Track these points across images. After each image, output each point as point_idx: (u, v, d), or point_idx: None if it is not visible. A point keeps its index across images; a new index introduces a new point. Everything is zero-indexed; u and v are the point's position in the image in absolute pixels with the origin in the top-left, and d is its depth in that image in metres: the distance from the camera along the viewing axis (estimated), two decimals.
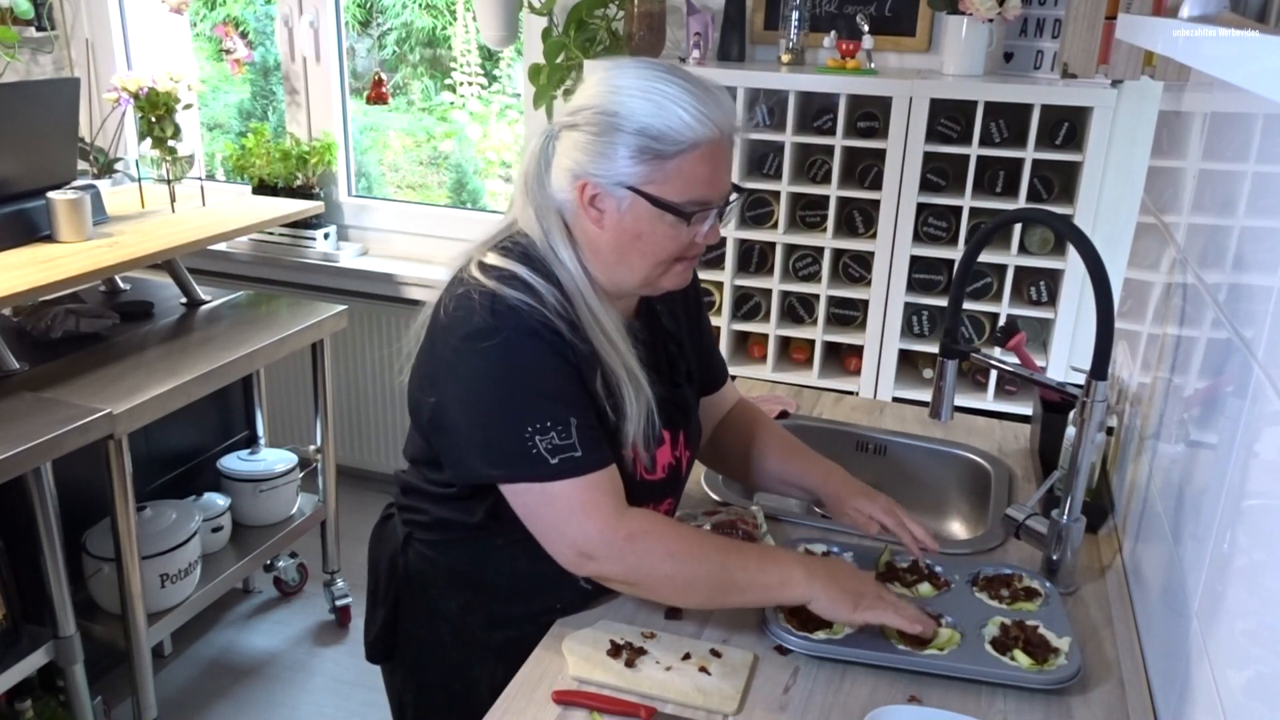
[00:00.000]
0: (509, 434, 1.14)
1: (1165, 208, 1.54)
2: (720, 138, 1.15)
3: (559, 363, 1.16)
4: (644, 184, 1.15)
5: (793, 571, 1.19)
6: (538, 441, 1.14)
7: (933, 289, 2.43)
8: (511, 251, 1.21)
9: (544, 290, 1.18)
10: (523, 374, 1.15)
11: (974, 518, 1.70)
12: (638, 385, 1.21)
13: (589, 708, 1.12)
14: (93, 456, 1.97)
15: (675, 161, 1.14)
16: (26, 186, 2.28)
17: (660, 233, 1.17)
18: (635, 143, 1.13)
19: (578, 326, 1.19)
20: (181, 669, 2.63)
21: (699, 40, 2.50)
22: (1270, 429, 0.84)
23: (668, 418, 1.30)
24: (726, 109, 1.16)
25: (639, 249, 1.19)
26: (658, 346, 1.33)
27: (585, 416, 1.17)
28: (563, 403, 1.15)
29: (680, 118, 1.12)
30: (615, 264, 1.21)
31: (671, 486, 1.34)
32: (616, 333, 1.21)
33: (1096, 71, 2.14)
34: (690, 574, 1.18)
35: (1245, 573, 0.86)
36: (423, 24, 3.54)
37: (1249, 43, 0.75)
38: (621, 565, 1.17)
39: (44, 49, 3.43)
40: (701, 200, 1.17)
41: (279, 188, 3.25)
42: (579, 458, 1.15)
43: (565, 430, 1.14)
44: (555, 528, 1.18)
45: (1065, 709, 1.13)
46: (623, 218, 1.17)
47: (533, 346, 1.15)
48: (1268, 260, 0.91)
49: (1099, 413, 1.30)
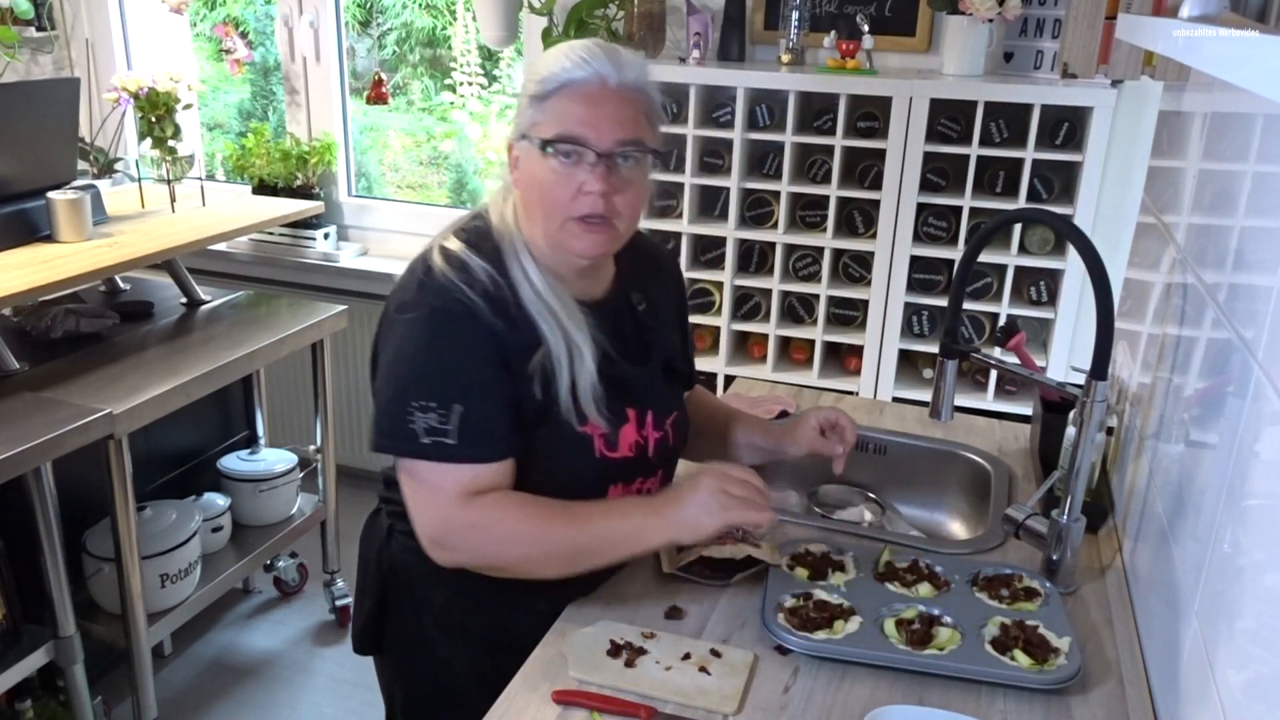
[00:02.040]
0: (398, 404, 1.18)
1: (1165, 208, 1.54)
2: (600, 82, 1.18)
3: (469, 346, 1.18)
4: (532, 127, 1.20)
5: (646, 519, 1.21)
6: (416, 418, 1.16)
7: (933, 289, 2.43)
8: (468, 232, 1.27)
9: (477, 268, 1.21)
10: (427, 350, 1.19)
11: (974, 518, 1.70)
12: (578, 355, 1.22)
13: (589, 708, 1.11)
14: (93, 456, 1.97)
15: (551, 100, 1.19)
16: (26, 186, 2.28)
17: (543, 176, 1.20)
18: (529, 90, 1.21)
19: (510, 303, 1.20)
20: (181, 669, 2.63)
21: (699, 40, 2.50)
22: (1270, 429, 0.84)
23: (633, 396, 1.31)
24: (617, 62, 1.19)
25: (536, 199, 1.22)
26: (626, 327, 1.34)
27: (479, 406, 1.18)
28: (457, 387, 1.17)
29: (560, 61, 1.18)
30: (528, 222, 1.24)
31: (641, 467, 1.33)
32: (557, 302, 1.23)
33: (1096, 71, 2.14)
34: (541, 552, 1.20)
35: (1245, 573, 0.86)
36: (423, 24, 3.54)
37: (1249, 43, 0.75)
38: (469, 554, 1.21)
39: (44, 49, 3.43)
40: (570, 135, 1.18)
41: (279, 188, 3.25)
42: (451, 445, 1.16)
43: (445, 415, 1.16)
44: (415, 510, 1.22)
45: (1065, 709, 1.13)
46: (523, 168, 1.22)
47: (444, 326, 1.18)
48: (1268, 260, 0.91)
49: (1099, 413, 1.30)
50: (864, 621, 1.23)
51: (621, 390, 1.29)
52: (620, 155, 1.20)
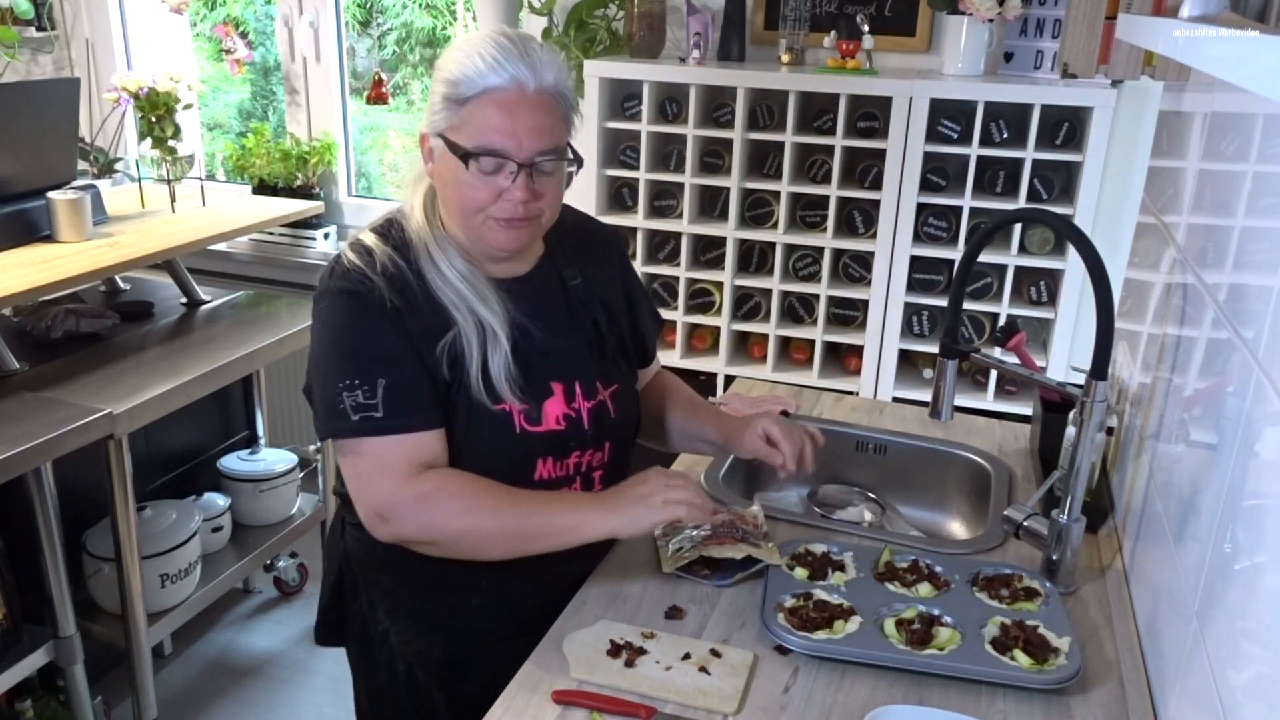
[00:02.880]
0: (327, 390, 1.21)
1: (1165, 208, 1.54)
2: (518, 89, 1.18)
3: (375, 322, 1.21)
4: (446, 129, 1.20)
5: (588, 511, 1.22)
6: (345, 398, 1.19)
7: (933, 289, 2.43)
8: (383, 224, 1.30)
9: (380, 253, 1.24)
10: (338, 332, 1.22)
11: (974, 518, 1.70)
12: (491, 336, 1.24)
13: (589, 708, 1.11)
14: (93, 456, 1.97)
15: (469, 106, 1.18)
16: (26, 186, 2.28)
17: (461, 180, 1.20)
18: (442, 90, 1.20)
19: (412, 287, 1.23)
20: (181, 669, 2.63)
21: (699, 40, 2.50)
22: (1270, 429, 0.84)
23: (558, 369, 1.31)
24: (534, 65, 1.18)
25: (452, 197, 1.23)
26: (553, 300, 1.34)
27: (399, 377, 1.20)
28: (374, 361, 1.20)
29: (475, 64, 1.17)
30: (446, 215, 1.27)
31: (576, 439, 1.32)
32: (467, 287, 1.24)
33: (1096, 71, 2.14)
34: (486, 527, 1.21)
35: (1245, 573, 0.86)
36: (423, 24, 3.54)
37: (1249, 43, 0.75)
38: (414, 525, 1.21)
39: (44, 49, 3.43)
40: (490, 148, 1.18)
41: (279, 188, 3.25)
42: (379, 418, 1.19)
43: (370, 390, 1.19)
44: (356, 487, 1.24)
45: (1065, 709, 1.13)
46: (439, 165, 1.23)
47: (351, 305, 1.22)
48: (1268, 260, 0.91)
49: (1099, 413, 1.30)
50: (864, 621, 1.23)
51: (544, 364, 1.29)
52: (540, 164, 1.21)
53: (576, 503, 1.26)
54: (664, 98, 2.51)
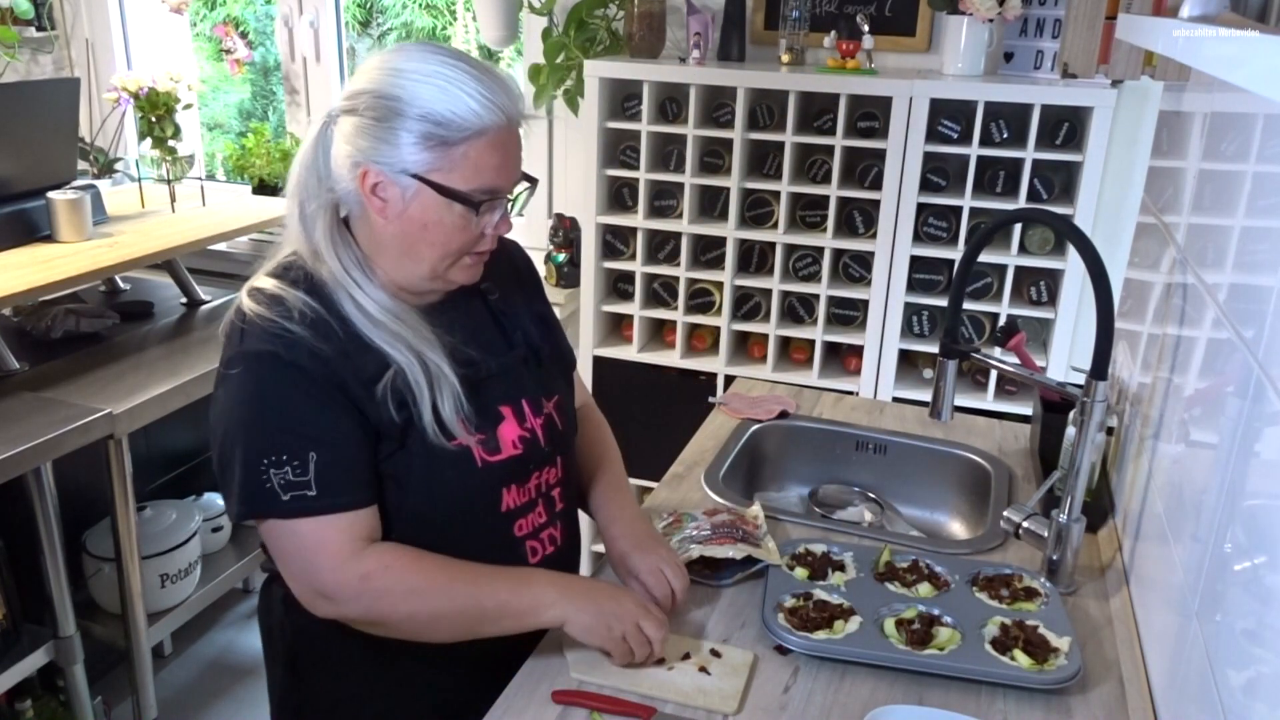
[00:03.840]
0: (246, 468, 1.10)
1: (1165, 208, 1.54)
2: (508, 124, 1.12)
3: (304, 386, 1.10)
4: (429, 171, 1.11)
5: (544, 594, 1.15)
6: (272, 476, 1.09)
7: (933, 289, 2.43)
8: (280, 267, 1.18)
9: (290, 298, 1.12)
10: (259, 403, 1.11)
11: (974, 518, 1.70)
12: (438, 373, 1.15)
13: (589, 708, 1.12)
14: (93, 456, 1.97)
15: (462, 148, 1.10)
16: (26, 186, 2.28)
17: (448, 223, 1.13)
18: (420, 128, 1.09)
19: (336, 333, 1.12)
20: (181, 669, 2.62)
21: (699, 40, 2.50)
22: (1270, 429, 0.84)
23: (503, 392, 1.23)
24: (513, 95, 1.13)
25: (426, 240, 1.14)
26: (480, 319, 1.27)
27: (333, 453, 1.10)
28: (304, 436, 1.09)
29: (466, 104, 1.09)
30: (401, 256, 1.16)
31: (535, 460, 1.26)
32: (402, 325, 1.15)
33: (1096, 71, 2.14)
34: (434, 609, 1.13)
35: (1245, 573, 0.86)
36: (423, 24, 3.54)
37: (1249, 43, 0.75)
38: (358, 606, 1.12)
39: (44, 49, 3.43)
40: (490, 189, 1.13)
41: (279, 188, 3.25)
42: (312, 497, 1.09)
43: (301, 467, 1.09)
44: (291, 568, 1.13)
45: (1065, 709, 1.13)
46: (408, 207, 1.12)
47: (272, 372, 1.10)
48: (1268, 260, 0.91)
49: (1099, 413, 1.30)
50: (864, 621, 1.23)
51: (489, 389, 1.22)
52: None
53: (530, 583, 1.16)
54: (664, 98, 2.51)
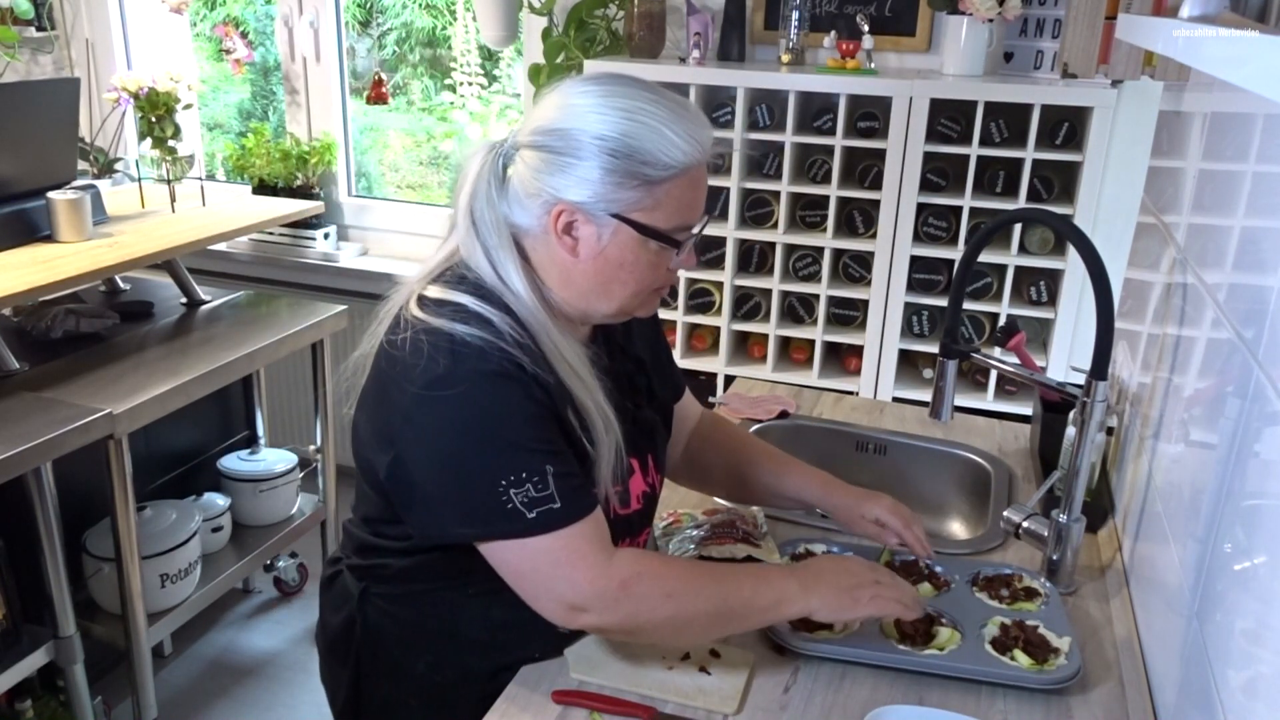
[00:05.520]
0: (481, 490, 1.06)
1: (1165, 208, 1.54)
2: (702, 159, 1.10)
3: (529, 404, 1.07)
4: (631, 211, 1.07)
5: (787, 587, 1.14)
6: (513, 495, 1.05)
7: (933, 289, 2.43)
8: (455, 282, 1.12)
9: (499, 321, 1.08)
10: (492, 422, 1.06)
11: (974, 518, 1.70)
12: (606, 421, 1.13)
13: (589, 708, 1.12)
14: (93, 456, 1.97)
15: (666, 186, 1.07)
16: (26, 186, 2.28)
17: (645, 261, 1.10)
18: (624, 166, 1.05)
19: (541, 358, 1.09)
20: (181, 669, 2.63)
21: (699, 40, 2.50)
22: (1270, 429, 0.84)
23: (634, 445, 1.22)
24: (709, 129, 1.10)
25: (621, 278, 1.11)
26: (618, 371, 1.24)
27: (562, 462, 1.08)
28: (538, 451, 1.07)
29: (671, 140, 1.05)
30: (591, 293, 1.13)
31: (647, 516, 1.28)
32: (582, 366, 1.13)
33: (1096, 71, 2.14)
34: (691, 611, 1.11)
35: (1245, 573, 0.86)
36: (423, 24, 3.54)
37: (1249, 43, 0.75)
38: (617, 614, 1.09)
39: (44, 49, 3.43)
40: (688, 225, 1.12)
41: (279, 188, 3.25)
42: (558, 509, 1.06)
43: (542, 481, 1.06)
44: (540, 584, 1.09)
45: (1065, 709, 1.13)
46: (605, 246, 1.09)
47: (499, 389, 1.06)
48: (1268, 260, 0.91)
49: (1099, 413, 1.30)
50: (864, 622, 1.23)
51: (628, 440, 1.18)
52: None
53: (770, 578, 1.16)
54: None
